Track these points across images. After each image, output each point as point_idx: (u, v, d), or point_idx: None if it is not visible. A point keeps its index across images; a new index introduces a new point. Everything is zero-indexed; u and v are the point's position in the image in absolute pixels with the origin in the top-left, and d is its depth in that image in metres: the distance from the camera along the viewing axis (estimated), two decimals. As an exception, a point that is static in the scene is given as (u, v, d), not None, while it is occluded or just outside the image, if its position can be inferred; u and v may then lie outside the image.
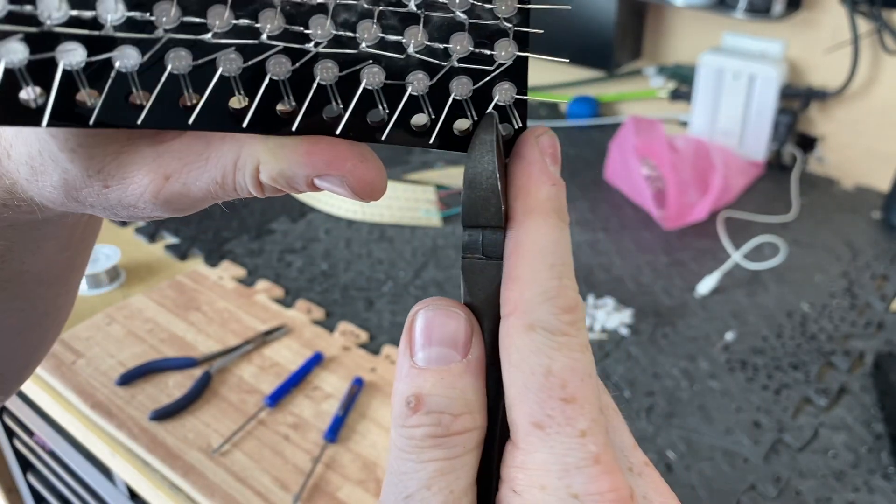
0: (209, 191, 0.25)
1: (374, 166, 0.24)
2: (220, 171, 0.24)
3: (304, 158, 0.23)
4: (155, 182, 0.25)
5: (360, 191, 0.24)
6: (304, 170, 0.23)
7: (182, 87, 0.23)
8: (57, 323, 0.39)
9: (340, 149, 0.24)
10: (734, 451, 0.72)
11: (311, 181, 0.24)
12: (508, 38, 0.25)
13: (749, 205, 1.12)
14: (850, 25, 1.08)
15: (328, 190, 0.24)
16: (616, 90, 1.38)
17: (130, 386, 0.80)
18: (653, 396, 0.79)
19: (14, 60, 0.21)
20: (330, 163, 0.23)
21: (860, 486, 0.69)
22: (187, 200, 0.25)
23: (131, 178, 0.25)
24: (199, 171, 0.24)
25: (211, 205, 0.27)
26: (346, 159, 0.23)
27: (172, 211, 0.26)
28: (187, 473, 0.71)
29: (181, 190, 0.25)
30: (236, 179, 0.24)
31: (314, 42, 0.23)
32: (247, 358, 0.84)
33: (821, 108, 1.18)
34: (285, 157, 0.23)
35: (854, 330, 0.87)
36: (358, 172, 0.24)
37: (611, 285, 0.95)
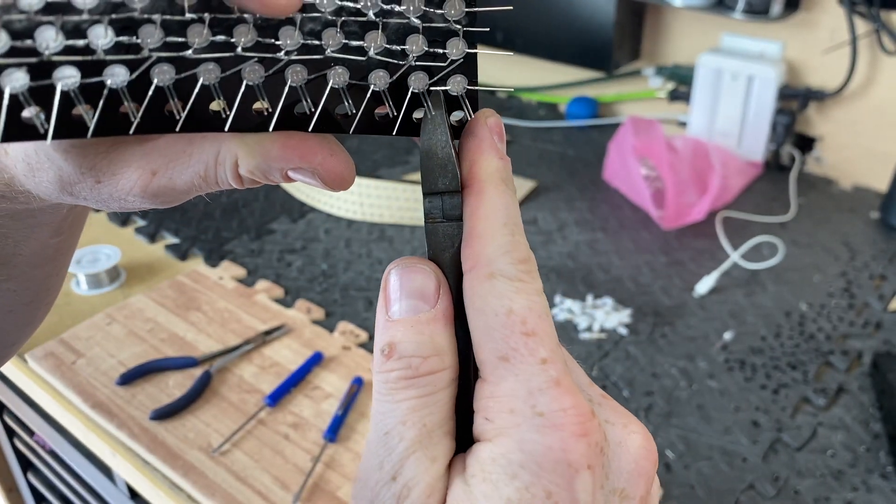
0: (193, 184, 0.27)
1: (342, 159, 0.26)
2: (202, 166, 0.27)
3: (279, 153, 0.26)
4: (143, 178, 0.27)
5: (330, 181, 0.26)
6: (279, 163, 0.26)
7: (167, 97, 0.25)
8: (46, 303, 0.41)
9: (311, 143, 0.26)
10: (733, 451, 0.73)
11: (285, 173, 0.26)
12: (458, 38, 0.27)
13: (747, 205, 1.12)
14: (848, 26, 1.09)
15: (301, 181, 0.27)
16: (615, 91, 1.39)
17: (131, 386, 0.80)
18: (651, 396, 0.79)
19: (17, 87, 0.23)
20: (302, 156, 0.26)
21: (858, 485, 0.69)
22: (173, 193, 0.27)
23: (121, 174, 0.27)
24: (183, 167, 0.27)
25: (195, 196, 0.29)
26: (316, 153, 0.26)
27: (160, 203, 0.28)
28: (187, 473, 0.71)
29: (167, 184, 0.27)
30: (217, 173, 0.27)
31: (284, 51, 0.25)
32: (247, 357, 0.84)
33: (819, 108, 1.19)
34: (261, 153, 0.26)
35: (852, 330, 0.87)
36: (328, 165, 0.26)
37: (609, 285, 0.95)
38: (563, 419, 0.23)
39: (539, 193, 1.16)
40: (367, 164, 1.25)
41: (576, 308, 0.91)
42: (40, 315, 0.41)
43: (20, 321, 0.39)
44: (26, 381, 0.85)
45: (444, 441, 0.24)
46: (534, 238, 1.05)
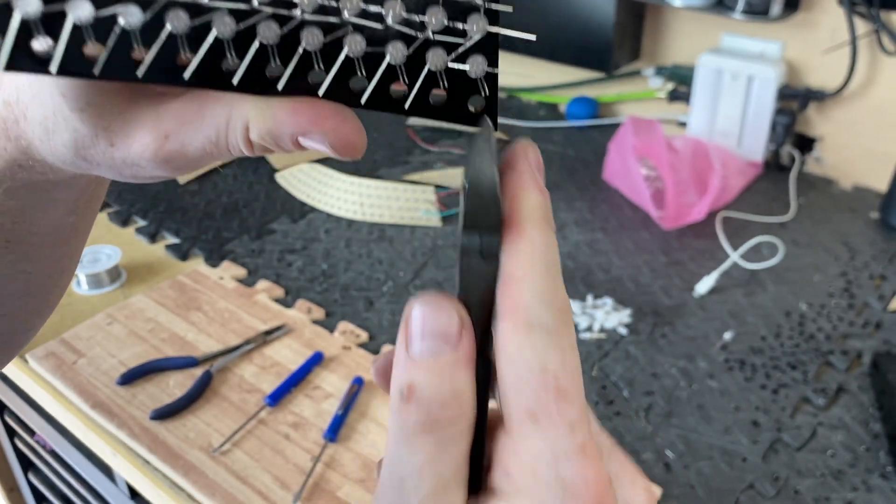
0: (205, 150, 0.27)
1: (353, 126, 0.26)
2: (213, 129, 0.26)
3: (290, 117, 0.25)
4: (155, 140, 0.27)
5: (341, 148, 0.26)
6: (290, 128, 0.26)
7: (179, 47, 0.25)
8: (59, 287, 0.41)
9: (323, 109, 0.26)
10: (733, 451, 0.73)
11: (295, 139, 0.26)
12: (479, 14, 0.26)
13: (747, 205, 1.12)
14: (848, 26, 1.09)
15: (311, 147, 0.26)
16: (615, 91, 1.39)
17: (131, 385, 0.81)
18: (651, 396, 0.79)
19: (29, 11, 0.23)
20: (313, 121, 0.25)
21: (858, 485, 0.69)
22: (184, 159, 0.27)
23: (134, 137, 0.27)
24: (195, 131, 0.27)
25: (207, 165, 0.29)
26: (327, 118, 0.26)
27: (172, 170, 0.28)
28: (188, 473, 0.71)
29: (179, 149, 0.27)
30: (228, 138, 0.26)
31: (300, 9, 0.25)
32: (247, 357, 0.84)
33: (819, 108, 1.19)
34: (272, 117, 0.26)
35: (852, 329, 0.88)
36: (339, 131, 0.26)
37: (609, 285, 0.96)
38: (584, 491, 0.22)
39: (539, 193, 1.16)
40: (368, 164, 1.25)
41: (576, 308, 0.91)
42: (52, 300, 0.41)
43: (35, 305, 0.39)
44: (27, 380, 0.85)
45: (458, 492, 0.24)
46: (534, 238, 1.05)
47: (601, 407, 0.78)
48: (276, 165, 1.22)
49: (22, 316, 0.39)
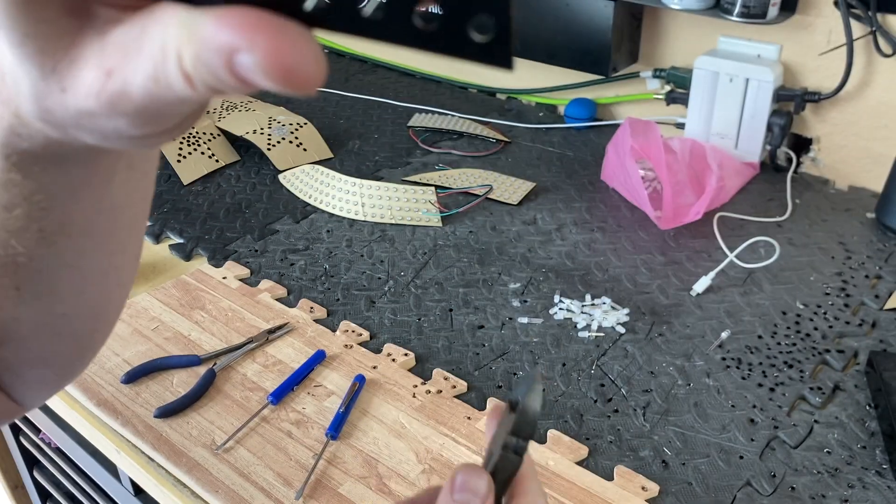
0: (147, 90, 0.22)
1: (295, 42, 0.20)
2: (150, 61, 0.22)
3: (214, 32, 0.20)
4: (97, 78, 0.23)
5: (274, 71, 0.20)
6: (216, 48, 0.20)
7: None
8: (118, 284, 0.39)
9: (254, 18, 0.20)
10: (730, 448, 0.74)
11: (231, 66, 0.20)
12: None
13: (744, 205, 1.13)
14: (844, 29, 1.10)
15: (251, 81, 0.20)
16: (613, 93, 1.40)
17: (135, 384, 0.81)
18: (649, 394, 0.80)
19: None
20: (237, 32, 0.20)
21: (854, 482, 0.70)
22: (130, 103, 0.23)
23: (81, 77, 0.23)
24: (135, 63, 0.22)
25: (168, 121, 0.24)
26: (257, 30, 0.20)
27: (127, 121, 0.24)
28: (191, 470, 0.72)
29: (121, 87, 0.23)
30: (166, 71, 0.21)
31: None
32: (250, 356, 0.85)
33: (815, 110, 1.20)
34: (199, 35, 0.20)
35: (848, 329, 0.88)
36: (271, 46, 0.19)
37: (607, 285, 0.96)
38: None
39: (538, 194, 1.17)
40: (369, 165, 1.26)
41: (574, 307, 0.92)
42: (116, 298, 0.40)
43: (92, 305, 0.38)
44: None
45: None
46: (533, 238, 1.06)
47: (599, 405, 0.79)
48: (279, 166, 1.23)
49: (83, 316, 0.38)
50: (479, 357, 0.85)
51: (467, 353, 0.86)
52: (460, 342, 0.87)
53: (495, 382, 0.82)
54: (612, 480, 0.70)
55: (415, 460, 0.72)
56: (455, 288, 0.96)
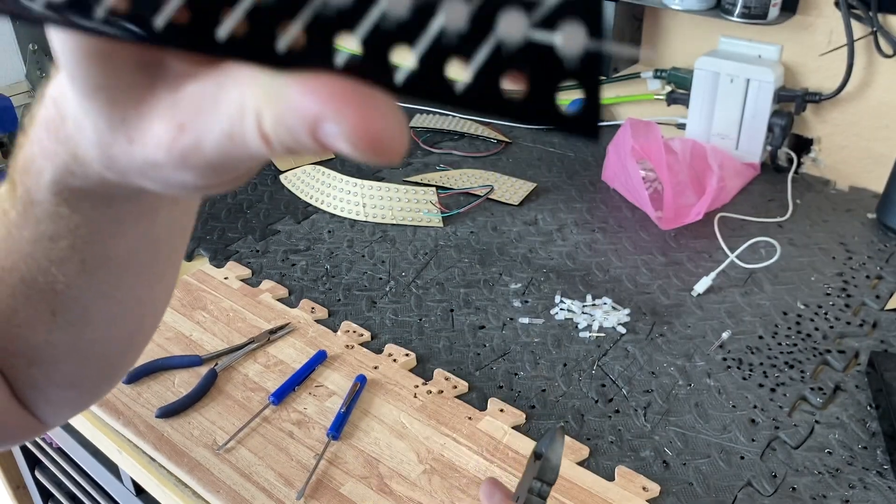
0: (221, 146, 0.22)
1: (383, 114, 0.19)
2: (228, 119, 0.21)
3: (301, 99, 0.19)
4: (169, 132, 0.23)
5: (360, 143, 0.19)
6: (300, 114, 0.20)
7: None
8: (151, 314, 0.40)
9: (341, 87, 0.19)
10: (730, 449, 0.74)
11: (314, 132, 0.20)
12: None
13: (745, 206, 1.13)
14: (845, 29, 1.10)
15: (334, 148, 0.20)
16: (614, 93, 1.40)
17: (137, 384, 0.81)
18: (650, 394, 0.80)
19: None
20: (325, 102, 0.19)
21: (855, 483, 0.70)
22: (202, 157, 0.23)
23: (150, 129, 0.23)
24: (210, 120, 0.22)
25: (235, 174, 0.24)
26: (346, 101, 0.19)
27: (194, 173, 0.23)
28: (193, 470, 0.72)
29: (194, 142, 0.22)
30: (244, 129, 0.21)
31: None
32: (252, 356, 0.85)
33: (816, 110, 1.20)
34: (282, 99, 0.20)
35: (849, 329, 0.88)
36: (359, 119, 0.19)
37: (608, 285, 0.96)
38: None
39: (539, 194, 1.17)
40: (370, 166, 1.26)
41: (575, 307, 0.92)
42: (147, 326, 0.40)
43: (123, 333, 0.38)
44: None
45: None
46: (533, 238, 1.06)
47: (600, 405, 0.79)
48: (280, 167, 1.23)
49: (114, 342, 0.38)
50: (480, 357, 0.85)
51: (468, 353, 0.86)
52: (461, 342, 0.87)
53: (496, 383, 0.82)
54: (613, 481, 0.70)
55: (416, 460, 0.72)
56: (456, 288, 0.96)
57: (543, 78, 0.19)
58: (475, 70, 0.18)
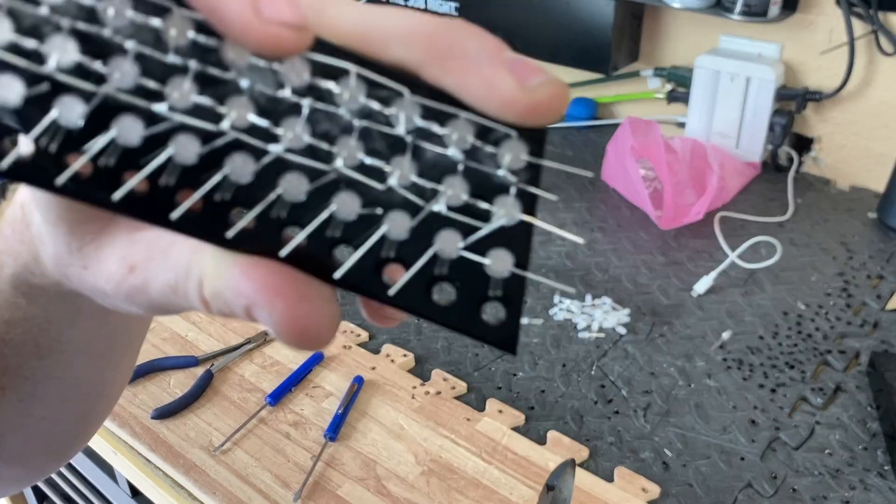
0: (165, 295, 0.23)
1: (314, 310, 0.20)
2: (174, 273, 0.22)
3: (238, 281, 0.20)
4: (120, 270, 0.24)
5: (286, 334, 0.20)
6: (235, 294, 0.20)
7: (120, 163, 0.20)
8: (105, 396, 0.39)
9: (277, 278, 0.20)
10: (731, 450, 0.73)
11: (247, 312, 0.20)
12: (510, 196, 0.21)
13: (745, 205, 1.12)
14: (845, 27, 1.09)
15: (265, 327, 0.22)
16: (613, 92, 1.39)
17: (132, 385, 0.81)
18: (650, 395, 0.79)
19: None
20: (260, 291, 0.20)
21: (856, 483, 0.69)
22: (146, 299, 0.23)
23: (104, 263, 0.24)
24: (158, 269, 0.23)
25: (176, 312, 0.24)
26: (278, 293, 0.20)
27: (140, 308, 0.24)
28: (189, 471, 0.71)
29: (141, 285, 0.23)
30: (187, 287, 0.22)
31: (284, 146, 0.20)
32: (248, 357, 0.85)
33: (817, 109, 1.19)
34: (223, 275, 0.20)
35: (850, 329, 0.88)
36: (289, 312, 0.20)
37: (608, 285, 0.96)
38: None
39: (538, 194, 1.17)
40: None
41: (574, 308, 0.91)
42: (100, 409, 0.40)
43: (76, 414, 0.38)
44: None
45: None
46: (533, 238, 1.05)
47: (600, 406, 0.78)
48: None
49: (64, 422, 0.38)
50: (479, 358, 0.84)
51: (467, 353, 0.85)
52: (459, 343, 0.87)
53: (495, 383, 0.81)
54: (612, 482, 0.70)
55: (414, 462, 0.72)
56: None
57: (471, 292, 0.21)
58: (410, 276, 0.21)
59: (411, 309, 0.21)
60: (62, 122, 0.19)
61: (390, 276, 0.21)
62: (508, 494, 0.68)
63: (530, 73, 0.21)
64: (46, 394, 0.35)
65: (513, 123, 0.20)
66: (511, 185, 0.21)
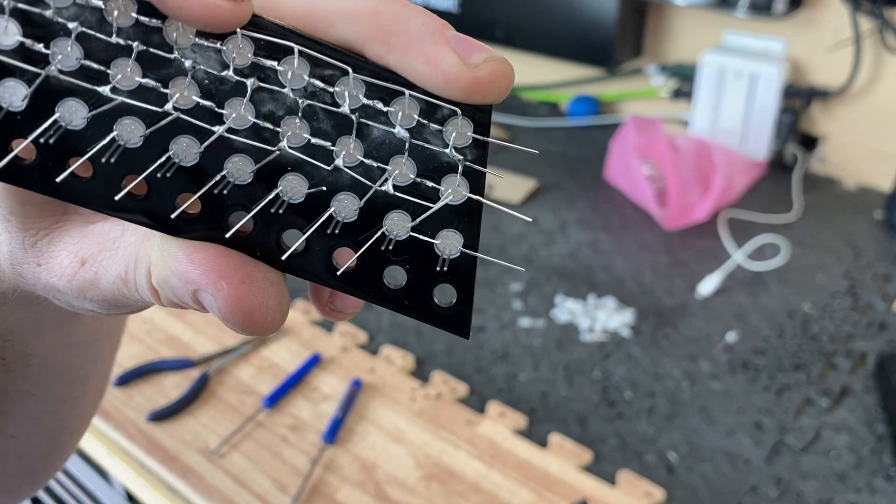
0: (116, 287, 0.23)
1: (258, 292, 0.20)
2: (123, 264, 0.22)
3: (183, 266, 0.20)
4: (72, 265, 0.23)
5: (231, 317, 0.20)
6: (183, 280, 0.20)
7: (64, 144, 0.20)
8: (76, 414, 0.38)
9: (222, 261, 0.20)
10: (736, 453, 0.72)
11: (194, 298, 0.21)
12: (457, 175, 0.21)
13: (751, 204, 1.11)
14: (851, 24, 1.08)
15: (211, 313, 0.21)
16: (617, 89, 1.38)
17: (128, 387, 0.80)
18: (654, 397, 0.78)
19: None
20: (204, 274, 0.20)
21: (862, 487, 0.68)
22: (98, 293, 0.23)
23: (56, 258, 0.24)
24: (109, 261, 0.23)
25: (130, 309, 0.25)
26: (222, 275, 0.20)
27: (91, 303, 0.24)
28: (185, 475, 0.70)
29: (92, 279, 0.23)
30: (136, 278, 0.22)
31: (227, 126, 0.20)
32: (245, 359, 0.84)
33: (823, 107, 1.18)
34: (170, 261, 0.21)
35: (856, 330, 0.87)
36: (233, 294, 0.20)
37: (612, 285, 0.95)
38: None
39: (540, 193, 1.16)
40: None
41: (577, 309, 0.90)
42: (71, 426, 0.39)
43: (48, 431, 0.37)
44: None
45: None
46: (535, 238, 1.04)
47: (603, 408, 0.77)
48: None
49: (35, 440, 0.37)
50: (480, 360, 0.83)
51: (467, 355, 0.84)
52: (460, 344, 0.85)
53: (496, 386, 0.80)
54: (616, 486, 0.69)
55: (413, 465, 0.71)
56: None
57: (421, 273, 0.21)
58: (358, 257, 0.21)
59: (361, 293, 0.21)
60: (4, 105, 0.19)
61: (339, 260, 0.21)
62: (510, 498, 0.67)
63: (473, 49, 0.20)
64: (16, 410, 0.35)
65: (458, 101, 0.20)
66: (458, 164, 0.21)
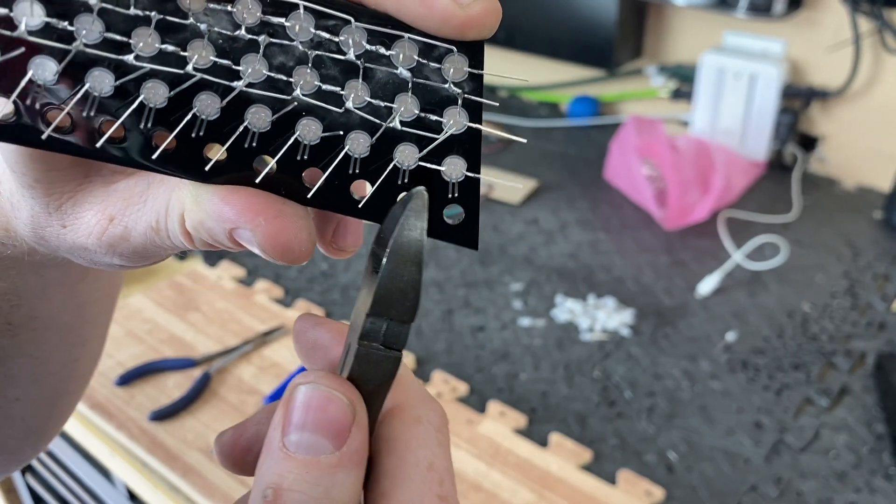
0: (147, 237, 0.24)
1: (291, 225, 0.22)
2: (154, 214, 0.24)
3: (219, 208, 0.22)
4: (100, 223, 0.25)
5: (270, 249, 0.22)
6: (218, 220, 0.22)
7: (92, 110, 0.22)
8: (76, 376, 0.39)
9: (255, 200, 0.22)
10: (735, 452, 0.72)
11: (231, 236, 0.22)
12: (457, 106, 0.23)
13: (750, 205, 1.11)
14: (851, 25, 1.08)
15: (247, 248, 0.23)
16: (617, 90, 1.38)
17: (130, 386, 0.80)
18: (654, 397, 0.78)
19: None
20: (241, 213, 0.22)
21: (861, 486, 0.69)
22: (129, 246, 0.25)
23: (83, 218, 0.25)
24: (138, 214, 0.24)
25: (157, 258, 0.26)
26: (258, 212, 0.22)
27: (120, 258, 0.25)
28: (186, 474, 0.71)
29: (122, 233, 0.24)
30: (168, 225, 0.24)
31: (245, 82, 0.22)
32: (246, 358, 0.84)
33: (822, 107, 1.18)
34: (205, 206, 0.22)
35: (855, 330, 0.87)
36: (270, 228, 0.22)
37: (611, 285, 0.95)
38: None
39: (540, 193, 1.16)
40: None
41: (577, 308, 0.90)
42: (71, 389, 0.39)
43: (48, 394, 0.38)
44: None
45: None
46: (535, 238, 1.05)
47: (603, 408, 0.77)
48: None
49: (37, 403, 0.38)
50: (480, 359, 0.84)
51: (468, 355, 0.84)
52: (460, 344, 0.86)
53: (496, 385, 0.80)
54: (615, 485, 0.69)
55: (414, 465, 0.71)
56: (455, 289, 0.94)
57: (431, 197, 0.23)
58: (376, 188, 0.23)
59: (380, 220, 0.23)
60: (38, 80, 0.21)
61: (357, 192, 0.23)
62: (510, 498, 0.68)
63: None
64: (19, 373, 0.35)
65: (452, 39, 0.22)
66: (457, 97, 0.23)
